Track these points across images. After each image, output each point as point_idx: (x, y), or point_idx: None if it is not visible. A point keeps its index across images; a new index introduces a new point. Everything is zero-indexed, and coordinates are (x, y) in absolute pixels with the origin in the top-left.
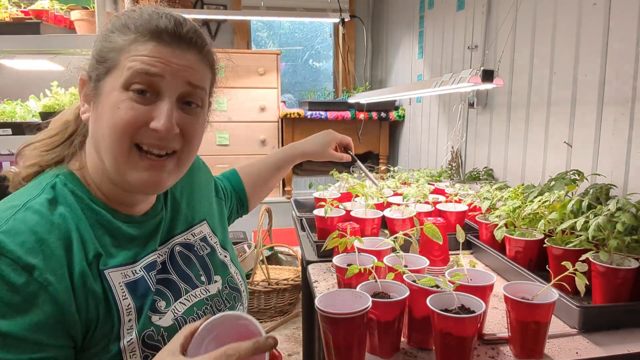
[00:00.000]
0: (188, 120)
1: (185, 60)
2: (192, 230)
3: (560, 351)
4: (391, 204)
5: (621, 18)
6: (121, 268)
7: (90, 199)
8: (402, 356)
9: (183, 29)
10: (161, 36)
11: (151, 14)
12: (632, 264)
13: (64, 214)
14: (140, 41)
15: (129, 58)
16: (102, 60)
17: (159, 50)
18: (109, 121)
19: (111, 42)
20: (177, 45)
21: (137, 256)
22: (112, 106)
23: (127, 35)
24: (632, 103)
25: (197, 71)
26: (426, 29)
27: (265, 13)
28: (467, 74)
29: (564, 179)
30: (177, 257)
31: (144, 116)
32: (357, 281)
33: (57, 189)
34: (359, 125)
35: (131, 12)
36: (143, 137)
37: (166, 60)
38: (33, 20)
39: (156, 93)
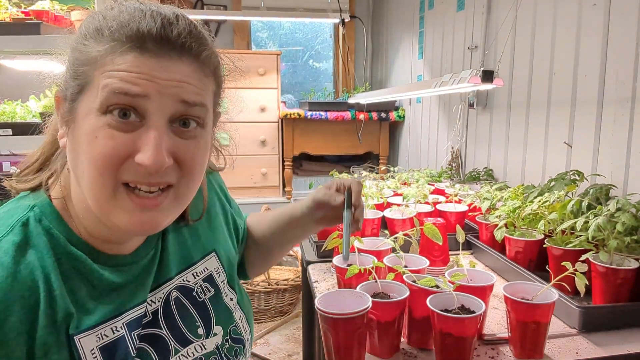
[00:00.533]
0: (185, 147)
1: (177, 72)
2: (194, 269)
3: (560, 351)
4: (391, 204)
5: (621, 18)
6: (97, 328)
7: (68, 239)
8: (402, 356)
9: (172, 32)
10: (144, 44)
11: (132, 13)
12: (632, 264)
13: (32, 264)
14: (117, 51)
15: (104, 74)
16: (75, 75)
17: (141, 63)
18: (86, 154)
19: (83, 53)
20: (165, 53)
21: (121, 309)
22: (89, 134)
23: (101, 44)
24: (632, 103)
25: (193, 85)
26: (426, 29)
27: (265, 13)
28: (467, 74)
29: (564, 179)
30: (172, 306)
31: (127, 147)
32: (357, 281)
33: (29, 228)
34: (359, 126)
35: (108, 10)
36: (128, 173)
37: (151, 76)
38: (33, 20)
39: (141, 115)
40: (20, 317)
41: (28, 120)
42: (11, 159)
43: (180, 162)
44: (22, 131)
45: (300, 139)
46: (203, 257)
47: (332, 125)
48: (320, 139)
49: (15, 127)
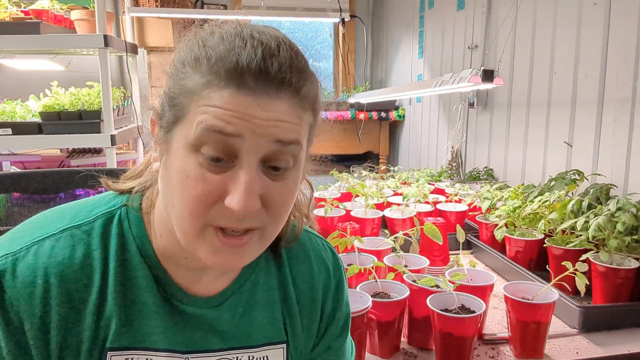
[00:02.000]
0: (274, 189)
1: (274, 111)
2: (254, 352)
3: (561, 351)
4: (391, 204)
5: (621, 18)
6: (133, 352)
7: (140, 249)
8: (402, 356)
9: (272, 65)
10: (242, 79)
11: (232, 41)
12: (632, 264)
13: (95, 260)
14: (213, 86)
15: (199, 108)
16: (172, 102)
17: (237, 101)
18: (177, 190)
19: (181, 80)
20: (264, 90)
21: (165, 344)
22: (181, 172)
23: (198, 75)
24: (632, 103)
25: (289, 123)
26: (426, 29)
27: (265, 13)
28: (467, 73)
29: (564, 179)
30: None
31: (218, 189)
32: (357, 281)
33: (111, 225)
34: (359, 125)
35: (208, 35)
36: (218, 217)
37: (247, 114)
38: (33, 20)
39: (233, 156)
40: (61, 311)
41: (28, 119)
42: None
43: (268, 205)
44: (22, 130)
45: None
46: (270, 344)
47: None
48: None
49: (15, 126)
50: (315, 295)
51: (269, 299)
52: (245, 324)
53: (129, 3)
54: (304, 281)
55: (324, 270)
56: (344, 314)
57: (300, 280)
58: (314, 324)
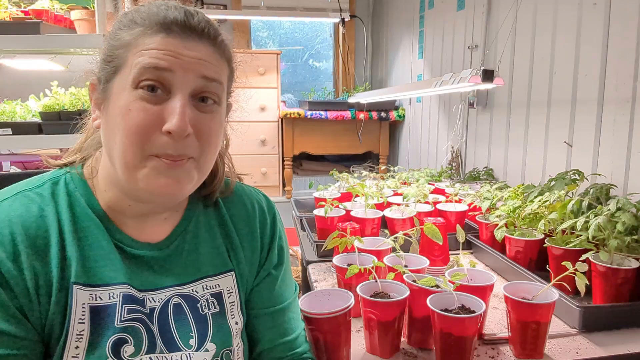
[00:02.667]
0: (203, 120)
1: (198, 51)
2: (206, 282)
3: (561, 351)
4: (391, 204)
5: (621, 18)
6: (95, 288)
7: (89, 204)
8: (402, 356)
9: (193, 19)
10: (170, 27)
11: (159, 6)
12: (632, 264)
13: (49, 214)
14: (147, 34)
15: (136, 53)
16: (110, 59)
17: (168, 42)
18: (119, 125)
19: (118, 40)
20: (188, 36)
21: (124, 280)
22: (123, 108)
23: (133, 30)
24: (632, 103)
25: (211, 64)
26: (426, 29)
27: (265, 13)
28: (467, 73)
29: (564, 178)
30: (169, 312)
31: (156, 118)
32: (357, 281)
33: (57, 186)
34: (359, 125)
35: (139, 7)
36: (157, 146)
37: (176, 53)
38: (33, 20)
39: (167, 90)
40: (29, 254)
41: (28, 119)
42: (11, 159)
43: (199, 134)
44: (22, 130)
45: (300, 138)
46: (220, 274)
47: (332, 125)
48: (320, 139)
49: (14, 126)
50: (253, 228)
51: (211, 236)
52: (193, 260)
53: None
54: (241, 218)
55: (258, 208)
56: (280, 245)
57: (237, 219)
58: (255, 254)
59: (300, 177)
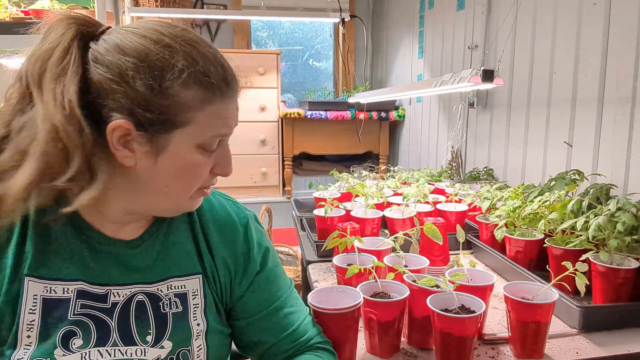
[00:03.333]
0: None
1: (236, 106)
2: (172, 282)
3: (561, 351)
4: (391, 204)
5: (621, 18)
6: (49, 281)
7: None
8: (402, 356)
9: (229, 74)
10: (224, 91)
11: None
12: (632, 264)
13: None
14: (215, 101)
15: (209, 122)
16: (161, 113)
17: (228, 106)
18: (181, 176)
19: (174, 97)
20: (232, 96)
21: (81, 277)
22: (187, 163)
23: (195, 91)
24: (632, 103)
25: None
26: (426, 29)
27: (265, 13)
28: (467, 73)
29: (564, 178)
30: (131, 308)
31: (211, 166)
32: (357, 281)
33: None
34: (359, 125)
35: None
36: (205, 182)
37: (233, 115)
38: (33, 20)
39: None
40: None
41: None
42: None
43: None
44: None
45: (300, 138)
46: (187, 275)
47: (332, 125)
48: (320, 139)
49: None
50: (226, 239)
51: (183, 239)
52: (162, 260)
53: (129, 3)
54: (212, 228)
55: (229, 221)
56: (258, 252)
57: (208, 227)
58: (232, 264)
59: (300, 177)
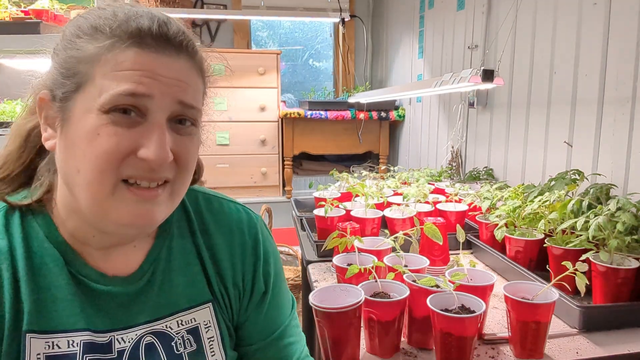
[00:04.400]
0: (182, 144)
1: (176, 70)
2: (180, 317)
3: (561, 351)
4: (391, 204)
5: (621, 17)
6: (52, 335)
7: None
8: (402, 356)
9: (169, 30)
10: (144, 40)
11: (127, 13)
12: (632, 264)
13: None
14: (118, 48)
15: (107, 74)
16: (69, 74)
17: (142, 59)
18: (86, 151)
19: (79, 50)
20: (165, 50)
21: (84, 325)
22: (90, 132)
23: (100, 41)
24: (632, 103)
25: (189, 85)
26: (426, 29)
27: (265, 13)
28: (467, 73)
29: (564, 178)
30: (140, 354)
31: (130, 143)
32: (357, 281)
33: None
34: (359, 125)
35: (100, 10)
36: (130, 168)
37: (153, 73)
38: (33, 19)
39: (142, 114)
40: None
41: None
42: None
43: (177, 157)
44: None
45: (300, 138)
46: (196, 306)
47: (332, 125)
48: (320, 139)
49: None
50: (232, 255)
51: (186, 263)
52: (166, 292)
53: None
54: (216, 243)
55: (237, 230)
56: (266, 270)
57: (213, 243)
58: (238, 282)
59: (300, 177)
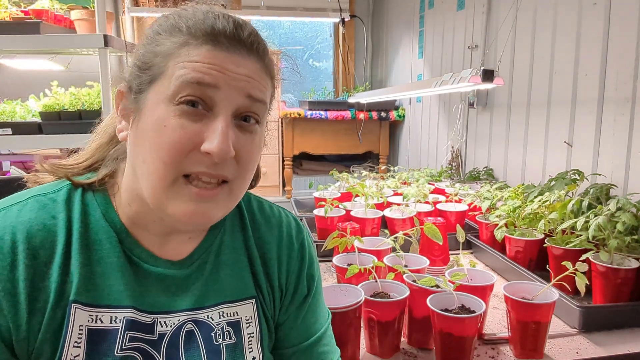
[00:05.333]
0: (244, 142)
1: (245, 68)
2: (223, 308)
3: (561, 351)
4: (391, 204)
5: (621, 18)
6: (96, 309)
7: (104, 215)
8: (402, 356)
9: (243, 32)
10: (218, 39)
11: (206, 14)
12: (632, 264)
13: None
14: (192, 44)
15: (178, 64)
16: (146, 67)
17: (214, 55)
18: (153, 142)
19: (157, 46)
20: (236, 50)
21: (130, 303)
22: (158, 123)
23: (176, 37)
24: (632, 103)
25: (258, 82)
26: (426, 29)
27: (265, 13)
28: (467, 73)
29: (564, 178)
30: (180, 339)
31: (195, 136)
32: (357, 281)
33: (74, 193)
34: (359, 125)
35: (182, 10)
36: (192, 164)
37: (222, 68)
38: (33, 20)
39: (209, 107)
40: (28, 266)
41: (27, 119)
42: (11, 159)
43: (239, 156)
44: (22, 130)
45: (300, 138)
46: (240, 300)
47: (332, 125)
48: (320, 139)
49: (14, 126)
50: (280, 255)
51: (235, 259)
52: (212, 283)
53: (129, 3)
54: (267, 243)
55: (286, 233)
56: (310, 273)
57: (264, 243)
58: (282, 284)
59: (300, 177)
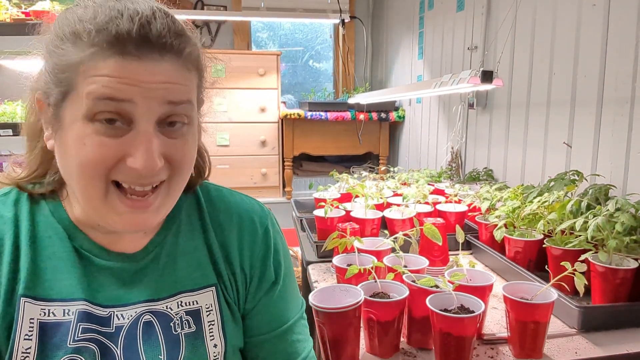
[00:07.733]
0: (174, 147)
1: (161, 74)
2: (182, 298)
3: (560, 351)
4: (391, 205)
5: (621, 18)
6: (47, 303)
7: (53, 212)
8: (402, 356)
9: (152, 31)
10: (125, 47)
11: (108, 14)
12: (631, 264)
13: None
14: (98, 56)
15: (87, 79)
16: (56, 80)
17: (123, 67)
18: (75, 160)
19: (62, 58)
20: (147, 56)
21: (82, 296)
22: (77, 142)
23: (80, 49)
24: (632, 103)
25: (178, 83)
26: (426, 30)
27: (265, 14)
28: (466, 74)
29: (564, 179)
30: (138, 331)
31: (117, 152)
32: (357, 281)
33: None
34: (359, 126)
35: (82, 9)
36: (120, 174)
37: (135, 80)
38: (34, 21)
39: (127, 122)
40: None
41: None
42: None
43: (170, 161)
44: None
45: (300, 139)
46: (199, 289)
47: (332, 126)
48: (320, 139)
49: (15, 127)
50: (241, 239)
51: (193, 248)
52: (169, 273)
53: None
54: (227, 229)
55: (248, 219)
56: (276, 260)
57: (222, 228)
58: (246, 272)
59: (300, 177)
